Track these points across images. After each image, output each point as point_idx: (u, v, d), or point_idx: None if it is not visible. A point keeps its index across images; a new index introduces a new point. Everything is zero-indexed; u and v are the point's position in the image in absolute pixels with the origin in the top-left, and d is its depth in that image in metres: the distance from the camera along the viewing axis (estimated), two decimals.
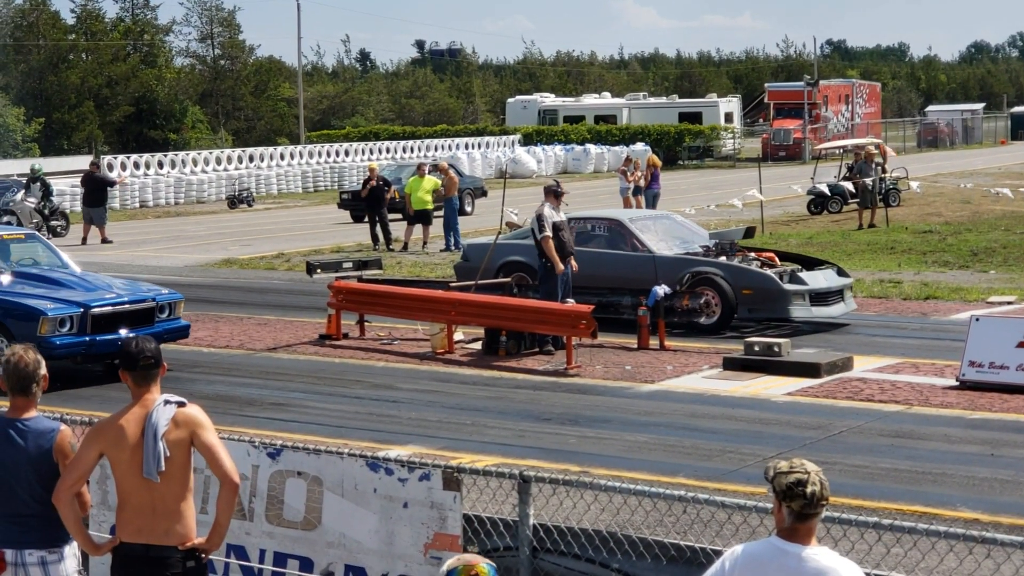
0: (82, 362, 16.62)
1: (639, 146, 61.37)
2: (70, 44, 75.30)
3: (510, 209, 26.17)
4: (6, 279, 16.74)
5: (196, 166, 52.24)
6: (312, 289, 23.05)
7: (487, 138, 67.91)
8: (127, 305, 16.56)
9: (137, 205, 47.88)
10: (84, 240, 34.07)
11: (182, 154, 54.21)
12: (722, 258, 19.08)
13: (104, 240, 34.27)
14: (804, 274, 18.95)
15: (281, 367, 17.26)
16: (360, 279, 20.14)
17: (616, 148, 63.92)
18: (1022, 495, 10.92)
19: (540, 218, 17.87)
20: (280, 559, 7.55)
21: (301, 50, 73.99)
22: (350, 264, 20.96)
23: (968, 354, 14.77)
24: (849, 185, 36.70)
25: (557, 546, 6.99)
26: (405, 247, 30.98)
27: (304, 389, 15.85)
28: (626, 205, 34.64)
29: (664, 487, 7.43)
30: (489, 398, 15.13)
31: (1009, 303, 20.61)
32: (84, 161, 40.50)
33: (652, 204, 34.72)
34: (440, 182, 31.22)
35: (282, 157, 56.63)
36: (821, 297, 18.81)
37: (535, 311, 17.00)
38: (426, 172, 31.50)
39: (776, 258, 19.57)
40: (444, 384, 15.96)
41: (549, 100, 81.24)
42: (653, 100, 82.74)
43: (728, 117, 73.51)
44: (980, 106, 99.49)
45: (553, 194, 18.18)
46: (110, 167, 48.11)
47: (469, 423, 13.85)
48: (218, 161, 53.45)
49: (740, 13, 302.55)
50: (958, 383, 14.77)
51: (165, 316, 16.98)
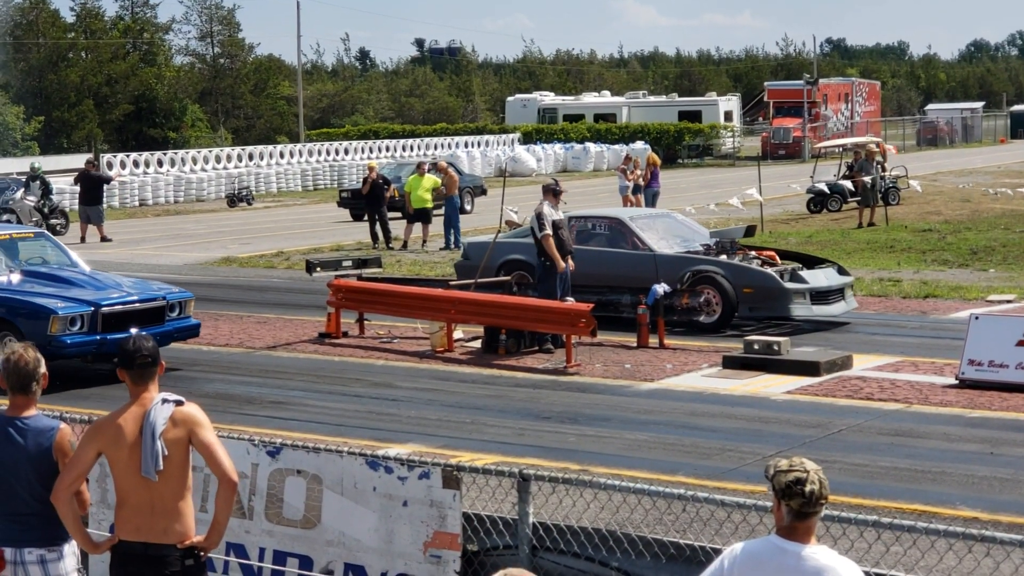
0: (92, 361, 16.55)
1: (639, 144, 61.35)
2: (70, 42, 75.32)
3: (510, 208, 26.21)
4: (16, 278, 16.59)
5: (196, 164, 52.19)
6: (311, 287, 23.06)
7: (487, 137, 67.90)
8: (137, 304, 16.44)
9: (137, 203, 47.84)
10: (83, 239, 33.89)
11: (182, 152, 54.18)
12: (723, 257, 19.07)
13: (103, 238, 34.18)
14: (805, 273, 18.95)
15: (280, 365, 17.26)
16: (360, 277, 20.13)
17: (616, 147, 63.91)
18: (1021, 493, 10.91)
19: (540, 216, 17.86)
20: (280, 557, 7.55)
21: (301, 48, 74.17)
22: (349, 262, 20.96)
23: (967, 352, 14.77)
24: (848, 184, 36.74)
25: (556, 544, 6.99)
26: (405, 245, 30.97)
27: (304, 387, 15.84)
28: (626, 203, 34.61)
29: (663, 485, 7.44)
30: (489, 396, 15.12)
31: (1008, 302, 20.61)
32: (84, 159, 40.32)
33: (652, 203, 34.68)
34: (440, 181, 31.22)
35: (282, 155, 56.61)
36: (822, 296, 18.80)
37: (535, 310, 16.99)
38: (426, 171, 31.50)
39: (777, 257, 19.56)
40: (444, 382, 15.95)
41: (549, 99, 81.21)
42: (653, 99, 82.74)
43: (728, 116, 73.54)
44: (979, 104, 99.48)
45: (552, 193, 18.17)
46: (109, 165, 48.08)
47: (469, 421, 13.84)
48: (217, 159, 53.41)
49: (740, 12, 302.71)
50: (957, 381, 14.76)
51: (175, 315, 16.84)
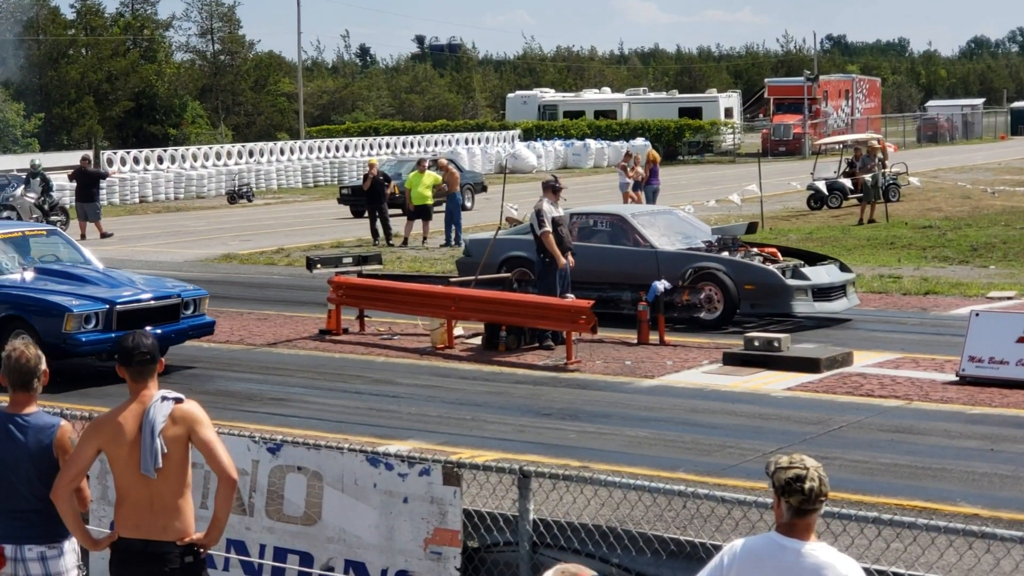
0: (107, 359, 16.43)
1: (639, 141, 61.34)
2: (70, 39, 75.32)
3: (510, 204, 26.19)
4: (29, 276, 16.47)
5: (196, 161, 52.19)
6: (312, 284, 23.06)
7: (487, 133, 67.87)
8: (152, 302, 16.32)
9: (137, 200, 47.84)
10: (83, 236, 33.78)
11: (182, 149, 54.17)
12: (724, 253, 19.06)
13: (103, 235, 34.17)
14: (807, 269, 18.95)
15: (281, 362, 17.26)
16: (360, 274, 20.13)
17: (616, 143, 63.88)
18: (1022, 490, 10.91)
19: (539, 213, 17.86)
20: (280, 554, 7.55)
21: (301, 45, 74.08)
22: (350, 259, 20.95)
23: (968, 349, 14.76)
24: (848, 182, 36.72)
25: (557, 541, 6.99)
26: (405, 242, 30.97)
27: (304, 384, 15.85)
28: (626, 200, 34.58)
29: (664, 482, 7.44)
30: (489, 393, 15.12)
31: (1009, 298, 20.60)
32: (80, 156, 40.17)
33: (652, 199, 34.67)
34: (440, 177, 31.22)
35: (282, 152, 56.61)
36: (824, 292, 18.80)
37: (535, 306, 16.99)
38: (426, 167, 31.49)
39: (779, 253, 19.55)
40: (444, 379, 15.95)
41: (549, 95, 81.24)
42: (653, 95, 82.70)
43: (728, 112, 73.51)
44: (980, 101, 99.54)
45: (551, 189, 18.16)
46: (110, 162, 48.09)
47: (469, 418, 13.84)
48: (218, 156, 53.42)
49: (740, 8, 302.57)
50: (958, 378, 14.75)
51: (190, 312, 16.70)
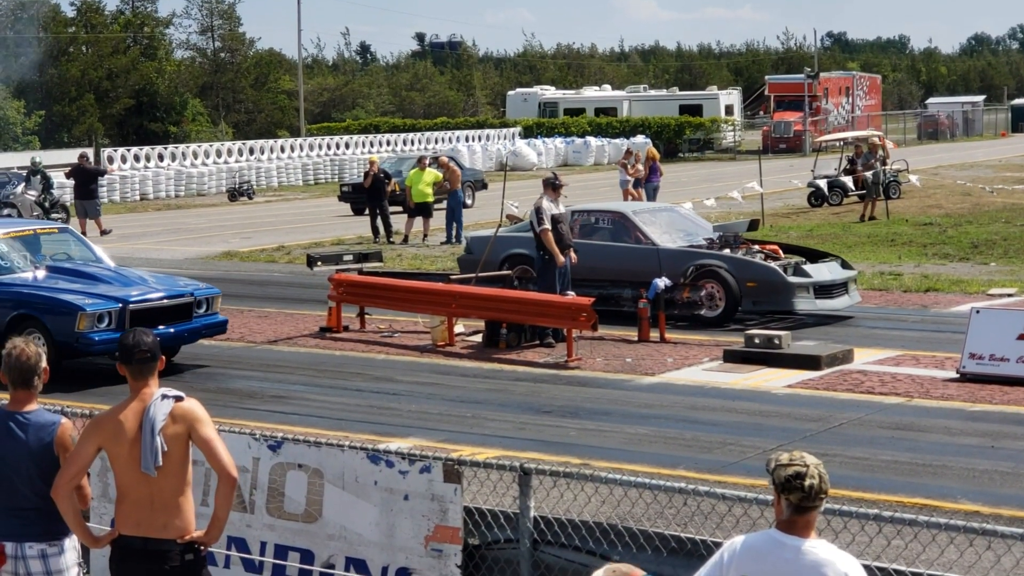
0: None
1: (639, 138, 61.33)
2: (70, 37, 75.30)
3: (511, 202, 26.17)
4: (41, 274, 16.36)
5: (196, 159, 52.17)
6: (312, 282, 23.06)
7: (487, 131, 67.83)
8: (165, 300, 16.24)
9: (137, 198, 47.85)
10: (83, 233, 33.81)
11: (182, 147, 54.13)
12: (726, 251, 19.06)
13: (103, 232, 34.17)
14: (808, 267, 18.95)
15: (282, 360, 17.26)
16: (361, 272, 20.14)
17: (616, 140, 63.84)
18: (1022, 487, 10.91)
19: (539, 211, 17.85)
20: (281, 551, 7.56)
21: (301, 43, 73.91)
22: (350, 257, 20.96)
23: (968, 346, 14.76)
24: (848, 180, 36.71)
25: (558, 538, 6.99)
26: (405, 240, 30.97)
27: (305, 382, 15.85)
28: (626, 198, 34.59)
29: (664, 479, 7.44)
30: (489, 391, 15.12)
31: (1009, 295, 20.59)
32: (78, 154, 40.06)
33: (652, 197, 34.67)
34: (441, 175, 31.21)
35: (282, 150, 56.58)
36: (825, 290, 18.80)
37: (536, 303, 16.99)
38: (426, 165, 31.49)
39: (780, 251, 19.55)
40: (444, 377, 15.96)
41: (549, 93, 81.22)
42: (653, 92, 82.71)
43: (728, 109, 73.49)
44: (980, 98, 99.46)
45: (551, 187, 18.15)
46: (110, 160, 48.05)
47: (470, 416, 13.85)
48: (218, 154, 53.39)
49: (740, 5, 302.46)
50: (958, 375, 14.76)
51: (203, 311, 16.63)
